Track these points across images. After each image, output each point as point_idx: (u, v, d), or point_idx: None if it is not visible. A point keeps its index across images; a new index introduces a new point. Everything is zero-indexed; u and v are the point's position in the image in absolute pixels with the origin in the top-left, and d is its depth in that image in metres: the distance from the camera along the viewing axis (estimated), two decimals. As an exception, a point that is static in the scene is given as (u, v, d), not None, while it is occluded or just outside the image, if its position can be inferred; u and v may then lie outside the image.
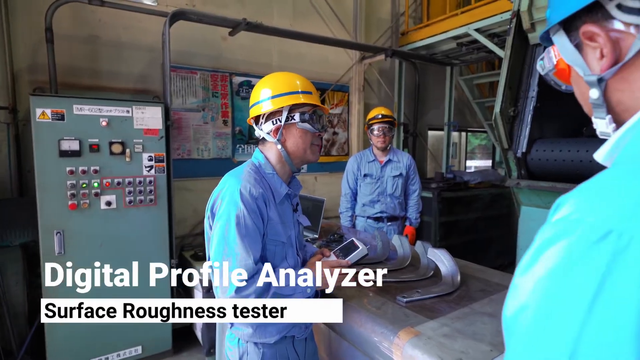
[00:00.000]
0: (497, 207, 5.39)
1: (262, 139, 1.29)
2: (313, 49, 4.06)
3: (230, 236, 1.09)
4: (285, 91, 1.21)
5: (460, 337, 1.01)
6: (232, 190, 1.13)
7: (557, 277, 0.36)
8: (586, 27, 0.50)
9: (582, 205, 0.38)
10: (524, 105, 3.03)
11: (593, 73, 0.51)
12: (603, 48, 0.49)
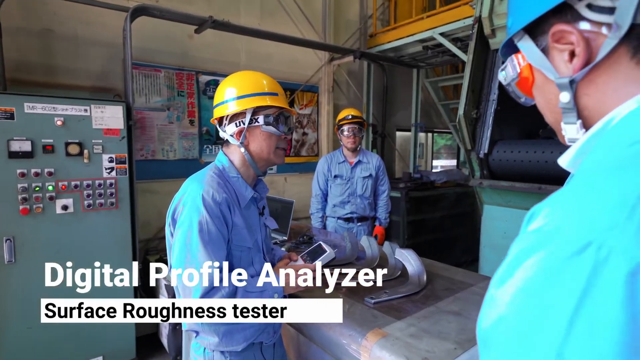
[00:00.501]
0: (462, 205, 5.58)
1: (226, 141, 1.26)
2: (282, 49, 4.03)
3: (192, 243, 1.05)
4: (250, 92, 1.17)
5: (426, 336, 1.04)
6: (194, 196, 1.09)
7: (534, 291, 0.34)
8: (557, 27, 0.49)
9: (557, 214, 0.36)
10: (485, 108, 3.14)
11: (562, 76, 0.51)
12: (576, 47, 0.48)
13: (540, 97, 0.57)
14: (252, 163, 1.22)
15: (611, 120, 0.46)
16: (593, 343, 0.29)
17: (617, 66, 0.46)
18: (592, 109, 0.49)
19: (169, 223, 1.16)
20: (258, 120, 1.18)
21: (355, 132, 2.89)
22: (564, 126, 0.53)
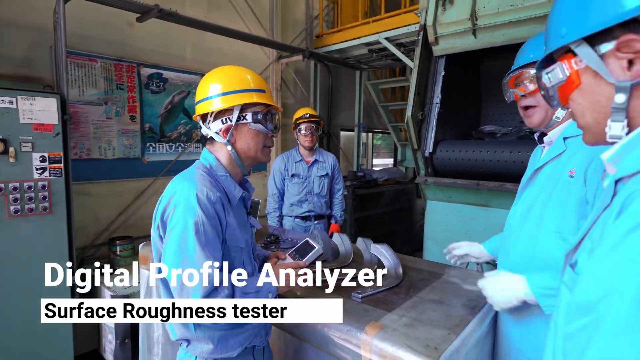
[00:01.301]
0: (400, 201, 5.91)
1: (209, 138, 1.20)
2: (229, 45, 3.90)
3: (189, 246, 0.99)
4: (237, 88, 1.13)
5: (419, 325, 1.10)
6: (187, 195, 1.03)
7: None
8: (626, 37, 0.55)
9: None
10: (429, 111, 3.36)
11: (619, 80, 0.57)
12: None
13: (585, 99, 0.64)
14: (238, 161, 1.19)
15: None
16: None
17: None
18: (635, 112, 0.58)
19: (157, 225, 1.09)
20: (246, 117, 1.14)
21: (313, 130, 2.92)
22: (611, 124, 0.60)
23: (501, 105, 3.73)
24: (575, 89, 0.64)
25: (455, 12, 3.04)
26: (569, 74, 0.64)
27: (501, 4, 2.80)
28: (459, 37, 3.09)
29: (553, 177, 1.20)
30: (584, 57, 0.61)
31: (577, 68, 0.63)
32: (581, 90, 0.64)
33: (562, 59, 0.66)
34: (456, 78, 3.32)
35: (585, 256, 0.57)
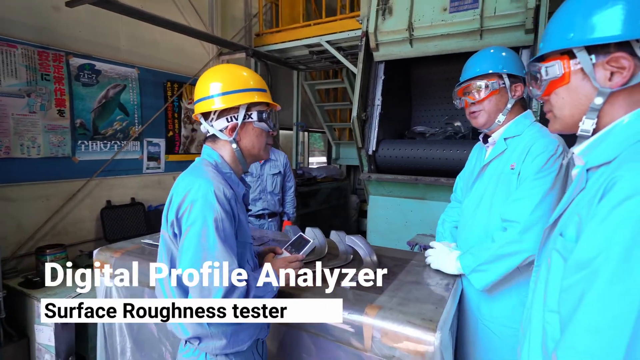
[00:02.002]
0: (337, 198, 6.18)
1: (211, 136, 1.21)
2: (167, 37, 3.71)
3: (209, 242, 1.00)
4: (240, 87, 1.16)
5: (410, 303, 1.24)
6: (205, 192, 1.03)
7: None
8: (618, 54, 0.71)
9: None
10: (372, 112, 3.60)
11: (602, 86, 0.74)
12: (627, 72, 0.71)
13: (569, 95, 0.79)
14: (241, 159, 1.21)
15: (620, 123, 0.74)
16: None
17: (635, 92, 0.74)
18: (606, 113, 0.76)
19: (170, 224, 1.08)
20: (251, 116, 1.18)
21: (264, 129, 2.95)
22: (585, 120, 0.77)
23: (429, 109, 4.15)
24: (563, 85, 0.79)
25: (394, 22, 3.29)
26: (564, 72, 0.79)
27: (434, 18, 3.11)
28: (397, 45, 3.36)
29: (498, 171, 1.45)
30: (581, 61, 0.76)
31: (571, 69, 0.78)
32: (568, 87, 0.79)
33: (558, 58, 0.80)
34: (392, 82, 3.60)
35: (573, 227, 0.75)
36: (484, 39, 3.00)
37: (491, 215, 1.44)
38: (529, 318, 0.89)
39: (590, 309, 0.65)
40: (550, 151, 1.30)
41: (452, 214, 1.81)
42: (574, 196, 0.80)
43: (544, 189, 1.28)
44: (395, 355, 1.13)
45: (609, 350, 0.62)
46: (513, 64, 1.44)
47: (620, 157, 0.70)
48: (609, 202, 0.65)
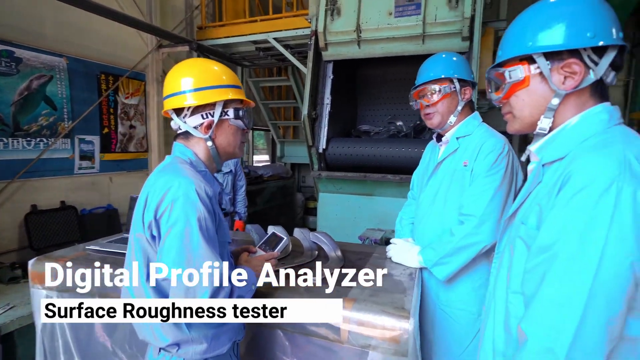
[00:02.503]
0: (283, 196, 6.17)
1: (183, 132, 1.16)
2: (101, 26, 3.40)
3: (194, 242, 0.97)
4: (214, 83, 1.12)
5: (380, 293, 1.30)
6: (186, 191, 0.99)
7: (591, 210, 0.70)
8: (572, 60, 0.82)
9: (589, 175, 0.72)
10: (321, 110, 3.66)
11: (559, 89, 0.84)
12: (578, 76, 0.81)
13: (529, 97, 0.89)
14: (216, 157, 1.18)
15: (566, 126, 0.85)
16: (621, 230, 0.66)
17: (583, 94, 0.85)
18: (560, 114, 0.87)
19: (148, 225, 1.01)
20: (228, 113, 1.15)
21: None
22: (543, 119, 0.88)
23: (373, 108, 4.32)
24: (523, 88, 0.89)
25: (343, 23, 3.37)
26: (525, 75, 0.89)
27: (380, 21, 3.25)
28: (345, 46, 3.45)
29: (451, 168, 1.58)
30: (540, 65, 0.86)
31: (530, 73, 0.88)
32: (528, 90, 0.89)
33: (518, 64, 0.89)
34: (338, 81, 3.69)
35: (535, 216, 0.85)
36: (426, 44, 3.19)
37: (446, 209, 1.56)
38: (493, 299, 0.99)
39: (550, 286, 0.75)
40: (498, 150, 1.45)
41: (409, 211, 1.93)
42: (532, 189, 0.91)
43: (495, 185, 1.42)
44: (371, 344, 1.18)
45: (566, 320, 0.72)
46: (463, 69, 1.57)
47: (571, 154, 0.82)
48: (565, 194, 0.75)
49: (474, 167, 1.49)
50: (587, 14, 0.82)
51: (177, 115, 1.14)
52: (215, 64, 1.18)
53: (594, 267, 0.70)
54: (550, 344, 0.72)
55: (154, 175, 1.08)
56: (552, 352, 0.72)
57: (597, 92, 0.85)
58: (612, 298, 0.70)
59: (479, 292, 1.49)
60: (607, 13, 0.82)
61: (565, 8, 0.84)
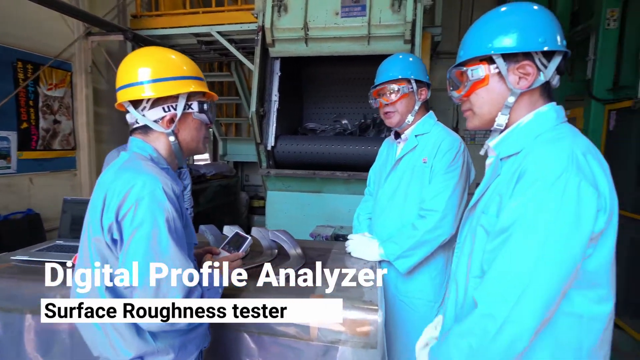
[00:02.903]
0: (226, 195, 5.99)
1: (142, 127, 1.07)
2: (17, 7, 3.00)
3: (162, 244, 0.90)
4: (176, 74, 1.05)
5: (347, 289, 1.33)
6: (152, 189, 0.92)
7: (546, 195, 0.80)
8: (526, 62, 0.90)
9: (542, 168, 0.82)
10: (269, 107, 3.61)
11: (515, 88, 0.92)
12: (531, 77, 0.90)
13: (488, 95, 0.97)
14: (178, 153, 1.11)
15: (519, 124, 0.94)
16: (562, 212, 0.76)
17: (534, 93, 0.95)
18: (514, 111, 0.96)
19: (107, 228, 0.92)
20: (192, 107, 1.08)
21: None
22: (500, 115, 0.96)
23: (320, 106, 4.37)
24: (483, 86, 0.97)
25: (290, 20, 3.35)
26: (485, 74, 0.96)
27: (327, 20, 3.29)
28: (293, 43, 3.44)
29: (411, 165, 1.66)
30: (499, 66, 0.94)
31: (490, 73, 0.95)
32: (487, 88, 0.97)
33: (478, 64, 0.96)
34: (285, 78, 3.67)
35: (495, 206, 0.93)
36: (371, 45, 3.29)
37: (406, 204, 1.63)
38: (455, 282, 1.07)
39: (502, 261, 0.84)
40: (455, 148, 1.55)
41: (366, 207, 1.98)
42: (491, 182, 0.99)
43: (453, 182, 1.52)
44: (341, 339, 1.20)
45: (510, 290, 0.82)
46: (419, 70, 1.66)
47: (525, 149, 0.90)
48: (523, 185, 0.84)
49: (433, 164, 1.57)
50: (540, 21, 0.92)
51: (135, 108, 1.05)
52: (175, 53, 1.11)
53: (540, 246, 0.79)
54: (493, 311, 0.82)
55: (112, 174, 0.99)
56: (493, 317, 0.82)
57: (545, 92, 0.96)
58: (553, 275, 0.80)
59: (435, 282, 1.58)
60: (554, 22, 0.93)
61: (521, 15, 0.93)
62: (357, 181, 3.46)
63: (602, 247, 0.82)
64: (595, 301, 0.85)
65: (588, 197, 0.79)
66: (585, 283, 0.83)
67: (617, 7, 3.91)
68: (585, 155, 0.83)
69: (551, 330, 0.85)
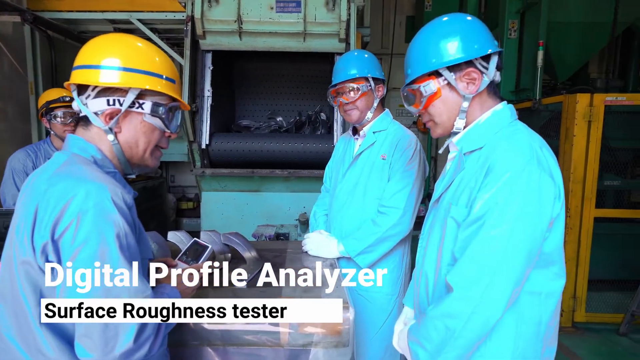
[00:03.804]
0: (151, 198, 5.54)
1: (84, 119, 0.93)
2: None
3: (112, 264, 0.77)
4: (142, 67, 0.92)
5: (312, 289, 1.29)
6: (99, 200, 0.78)
7: (515, 185, 0.87)
8: (470, 69, 0.98)
9: (506, 163, 0.89)
10: (202, 103, 3.41)
11: (466, 94, 0.99)
12: (477, 81, 0.97)
13: (443, 104, 1.04)
14: (121, 157, 0.96)
15: (479, 121, 1.01)
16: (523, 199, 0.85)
17: (482, 95, 1.02)
18: (469, 113, 1.03)
19: (41, 247, 0.77)
20: (143, 106, 0.94)
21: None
22: (458, 120, 1.03)
23: (254, 103, 4.26)
24: (437, 98, 1.04)
25: (222, 12, 3.20)
26: (437, 88, 1.03)
27: (262, 14, 3.20)
28: (226, 36, 3.29)
29: (370, 161, 1.70)
30: (447, 77, 1.01)
31: (440, 85, 1.03)
32: (441, 99, 1.04)
33: (427, 79, 1.04)
34: (218, 73, 3.51)
35: (465, 197, 0.98)
36: (307, 42, 3.29)
37: (366, 200, 1.67)
38: (424, 273, 1.12)
39: (475, 247, 0.91)
40: (413, 146, 1.62)
41: (323, 204, 1.97)
42: (455, 175, 1.05)
43: (412, 179, 1.59)
44: (312, 341, 1.17)
45: (482, 274, 0.89)
46: (375, 67, 1.69)
47: (489, 144, 0.98)
48: (492, 179, 0.91)
49: (392, 162, 1.63)
50: (473, 30, 1.01)
51: (79, 94, 0.92)
52: (147, 45, 0.99)
53: (509, 232, 0.87)
54: (468, 293, 0.90)
55: (44, 181, 0.83)
56: (468, 298, 0.90)
57: (492, 90, 1.05)
58: (520, 258, 0.88)
59: (393, 275, 1.64)
60: (484, 27, 1.03)
61: (456, 27, 1.02)
62: (296, 179, 3.45)
63: (556, 230, 0.93)
64: (551, 279, 0.95)
65: (547, 187, 0.88)
66: (543, 263, 0.94)
67: (517, 18, 4.45)
68: (541, 148, 0.93)
69: (515, 308, 0.94)
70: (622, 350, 2.97)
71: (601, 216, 3.32)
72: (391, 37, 6.46)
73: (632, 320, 3.16)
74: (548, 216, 0.89)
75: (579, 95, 3.24)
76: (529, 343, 0.95)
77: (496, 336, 0.95)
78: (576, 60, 4.70)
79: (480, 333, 0.91)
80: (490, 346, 0.95)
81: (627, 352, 2.94)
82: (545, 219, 0.89)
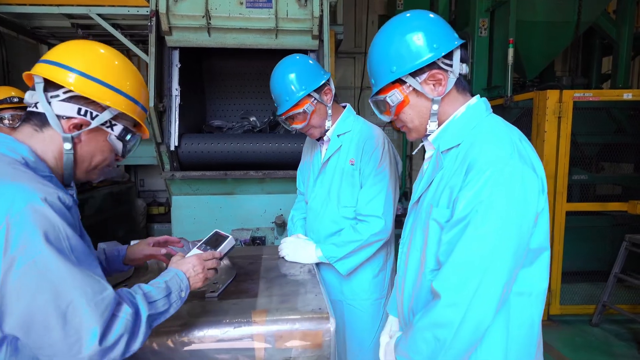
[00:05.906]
0: (119, 204, 5.28)
1: (37, 116, 0.85)
2: None
3: (54, 272, 0.68)
4: (126, 91, 0.91)
5: (290, 298, 1.19)
6: (28, 203, 0.69)
7: (498, 183, 0.83)
8: (434, 72, 0.93)
9: (487, 162, 0.84)
10: (169, 102, 3.25)
11: (433, 97, 0.94)
12: (443, 81, 0.93)
13: (413, 110, 0.99)
14: (68, 167, 0.89)
15: (454, 118, 0.96)
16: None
17: (452, 93, 0.98)
18: (441, 114, 0.99)
19: None
20: (114, 127, 0.91)
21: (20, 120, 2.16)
22: (430, 123, 0.99)
23: (225, 102, 4.11)
24: (406, 105, 1.00)
25: (189, 6, 3.06)
26: (404, 96, 0.98)
27: (231, 10, 3.08)
28: (194, 32, 3.15)
29: (339, 167, 1.61)
30: (412, 84, 0.97)
31: (406, 92, 0.98)
32: (410, 105, 1.00)
33: (392, 87, 0.99)
34: (185, 72, 3.35)
35: (446, 197, 0.93)
36: (279, 39, 3.19)
37: (340, 208, 1.59)
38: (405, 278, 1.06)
39: (461, 249, 0.86)
40: (380, 145, 1.54)
41: (300, 208, 1.89)
42: (434, 175, 0.99)
43: (385, 183, 1.53)
44: (291, 356, 1.08)
45: (470, 278, 0.84)
46: (312, 78, 1.53)
47: (467, 140, 0.93)
48: (474, 176, 0.86)
49: (361, 168, 1.55)
50: (429, 29, 0.96)
51: (45, 90, 0.83)
52: (133, 69, 0.97)
53: (495, 232, 0.83)
54: (456, 299, 0.84)
55: None
56: (456, 305, 0.84)
57: (461, 86, 1.00)
58: (508, 258, 0.83)
59: (378, 279, 1.57)
60: (441, 23, 0.98)
61: (412, 28, 0.96)
62: (272, 180, 3.33)
63: (541, 225, 0.89)
64: (539, 277, 0.90)
65: (530, 181, 0.84)
66: (529, 261, 0.89)
67: (487, 17, 4.52)
68: (521, 141, 0.90)
69: (505, 310, 0.88)
70: (595, 340, 3.04)
71: (572, 210, 3.41)
72: (364, 36, 6.44)
73: (604, 311, 3.25)
74: (534, 211, 0.85)
75: (549, 91, 3.31)
76: (522, 347, 0.91)
77: (486, 342, 0.89)
78: (543, 58, 4.83)
79: (472, 341, 0.85)
80: (481, 354, 0.90)
81: (600, 342, 3.02)
82: (531, 214, 0.85)
